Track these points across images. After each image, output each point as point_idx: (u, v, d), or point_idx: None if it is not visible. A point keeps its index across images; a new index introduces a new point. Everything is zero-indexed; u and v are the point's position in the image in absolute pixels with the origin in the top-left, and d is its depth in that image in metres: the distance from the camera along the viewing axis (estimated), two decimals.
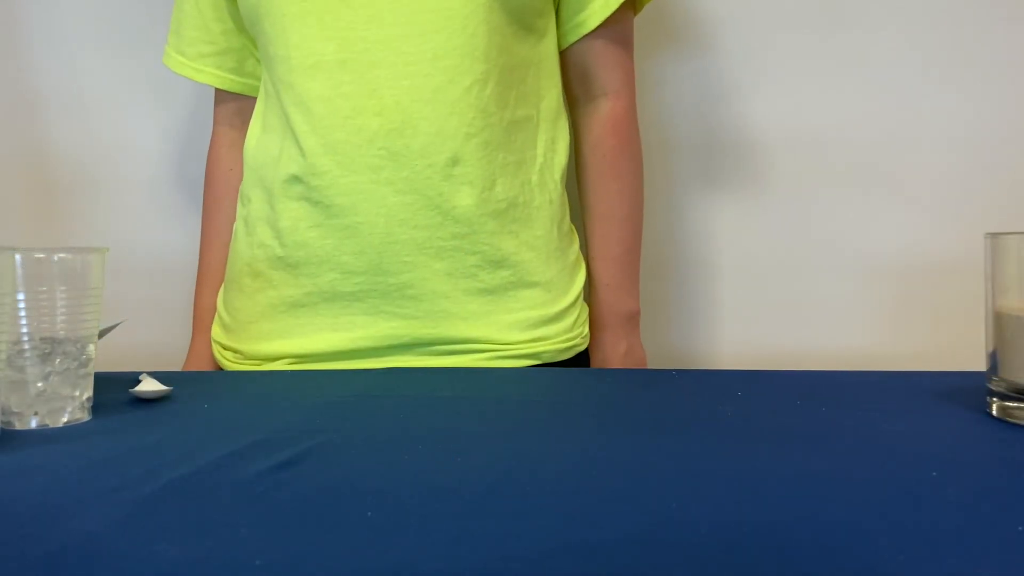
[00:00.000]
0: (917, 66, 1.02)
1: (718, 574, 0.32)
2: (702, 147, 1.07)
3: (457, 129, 0.77)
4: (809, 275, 1.06)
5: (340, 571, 0.32)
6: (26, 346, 0.54)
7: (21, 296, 0.54)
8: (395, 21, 0.76)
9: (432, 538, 0.35)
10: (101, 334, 0.64)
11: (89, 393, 0.58)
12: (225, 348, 0.88)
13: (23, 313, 0.54)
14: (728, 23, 1.05)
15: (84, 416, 0.57)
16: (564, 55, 0.88)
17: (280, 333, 0.82)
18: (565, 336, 0.84)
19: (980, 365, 0.58)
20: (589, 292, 0.90)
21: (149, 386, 0.63)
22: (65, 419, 0.56)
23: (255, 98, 0.93)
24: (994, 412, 0.55)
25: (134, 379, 0.65)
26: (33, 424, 0.55)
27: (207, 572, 0.32)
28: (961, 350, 1.00)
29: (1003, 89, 1.02)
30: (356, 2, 0.76)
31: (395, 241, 0.77)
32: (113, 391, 0.65)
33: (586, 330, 0.88)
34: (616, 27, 0.87)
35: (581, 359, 0.87)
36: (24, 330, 0.54)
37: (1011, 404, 0.53)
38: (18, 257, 0.54)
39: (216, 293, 0.94)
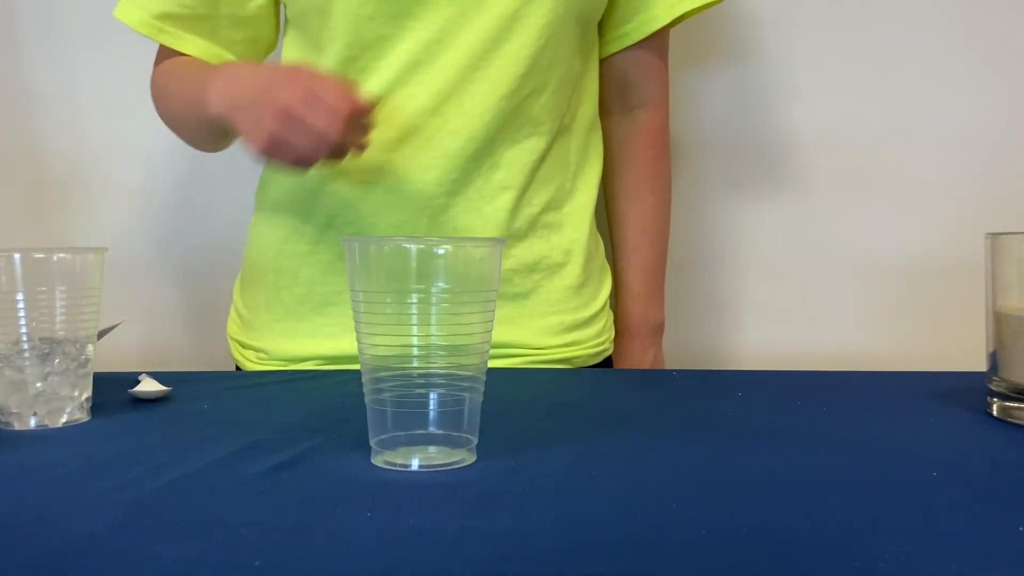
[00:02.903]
0: (918, 66, 1.02)
1: (718, 574, 0.32)
2: (708, 148, 1.07)
3: (506, 135, 0.77)
4: (808, 275, 1.06)
5: (340, 571, 0.32)
6: (25, 346, 0.54)
7: (20, 296, 0.54)
8: (473, 26, 0.74)
9: (432, 538, 0.35)
10: (100, 334, 0.64)
11: (88, 393, 0.58)
12: (244, 347, 0.85)
13: (22, 313, 0.54)
14: (743, 27, 1.05)
15: (83, 416, 0.57)
16: (603, 64, 0.87)
17: (307, 332, 0.80)
18: (596, 341, 0.84)
19: (980, 365, 0.58)
20: (616, 302, 0.90)
21: (149, 386, 0.63)
22: (64, 419, 0.56)
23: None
24: (994, 412, 0.55)
25: (134, 379, 0.65)
26: (32, 424, 0.55)
27: (207, 572, 0.32)
28: (961, 350, 1.00)
29: (1004, 89, 1.02)
30: (433, 2, 0.74)
31: None
32: (113, 391, 0.65)
33: (612, 335, 0.88)
34: (658, 40, 0.87)
35: (606, 366, 0.87)
36: (23, 330, 0.54)
37: (1011, 404, 0.53)
38: (17, 257, 0.54)
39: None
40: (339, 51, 0.76)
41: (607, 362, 0.87)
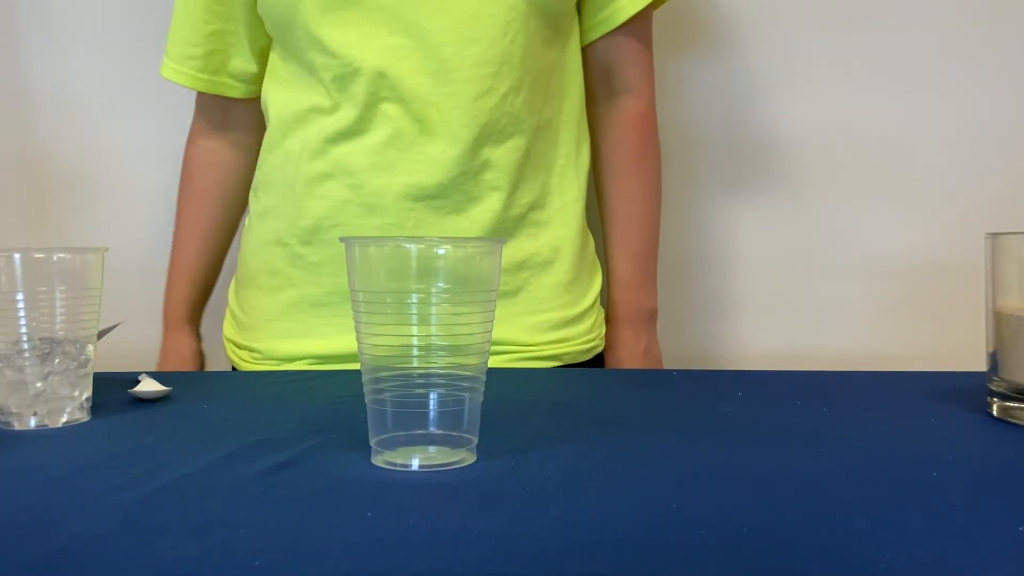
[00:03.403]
0: (918, 65, 1.02)
1: (718, 574, 0.32)
2: (708, 147, 1.07)
3: (489, 136, 0.77)
4: (809, 275, 1.06)
5: (340, 571, 0.32)
6: (25, 346, 0.54)
7: (20, 296, 0.54)
8: (436, 28, 0.75)
9: (433, 538, 0.35)
10: (100, 334, 0.64)
11: (88, 393, 0.58)
12: (239, 347, 0.86)
13: (22, 313, 0.54)
14: (740, 23, 1.05)
15: (83, 416, 0.57)
16: (585, 52, 0.87)
17: (300, 333, 0.81)
18: (586, 337, 0.84)
19: (980, 365, 0.58)
20: (607, 291, 0.90)
21: (148, 386, 0.63)
22: (64, 419, 0.56)
23: (238, 99, 0.91)
24: (995, 412, 0.55)
25: (133, 379, 0.65)
26: (32, 424, 0.55)
27: (207, 572, 0.32)
28: (961, 350, 1.00)
29: (1004, 89, 1.02)
30: (395, 9, 0.75)
31: None
32: (113, 391, 0.65)
33: (603, 331, 0.88)
34: (639, 24, 0.87)
35: (597, 362, 0.87)
36: (23, 330, 0.54)
37: (1012, 404, 0.53)
38: (17, 257, 0.54)
39: (190, 285, 0.95)
40: (310, 60, 0.78)
41: (598, 358, 0.87)
